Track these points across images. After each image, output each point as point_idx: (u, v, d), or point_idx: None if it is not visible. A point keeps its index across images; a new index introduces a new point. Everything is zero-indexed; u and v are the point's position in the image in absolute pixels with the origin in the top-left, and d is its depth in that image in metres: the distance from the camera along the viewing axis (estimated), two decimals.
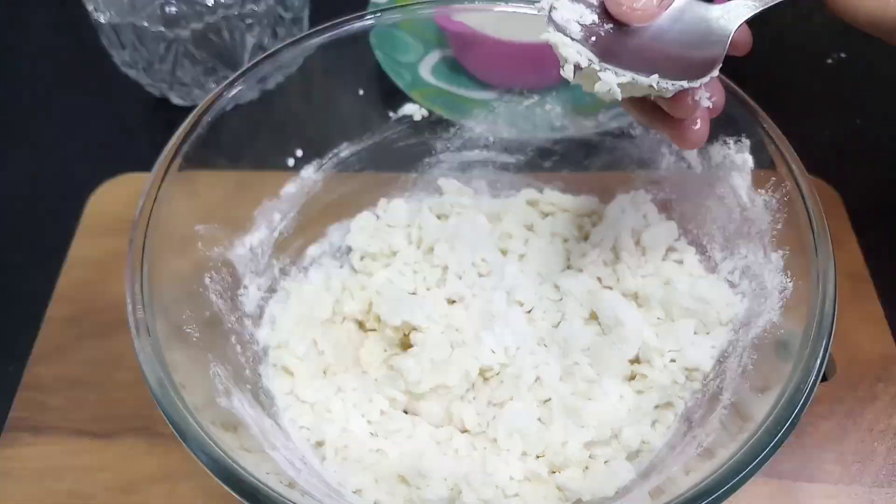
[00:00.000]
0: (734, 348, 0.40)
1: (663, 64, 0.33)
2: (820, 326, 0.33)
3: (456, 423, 0.42)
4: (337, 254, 0.51)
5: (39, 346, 0.47)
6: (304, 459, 0.39)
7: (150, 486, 0.42)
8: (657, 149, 0.47)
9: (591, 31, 0.33)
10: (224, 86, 0.42)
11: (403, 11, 0.48)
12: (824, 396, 0.45)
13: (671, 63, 0.34)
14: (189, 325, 0.38)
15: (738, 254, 0.43)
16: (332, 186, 0.50)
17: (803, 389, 0.31)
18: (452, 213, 0.51)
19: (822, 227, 0.36)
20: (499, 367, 0.43)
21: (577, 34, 0.33)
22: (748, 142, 0.41)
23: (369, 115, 0.50)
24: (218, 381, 0.37)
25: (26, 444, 0.43)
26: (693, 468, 0.34)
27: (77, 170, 0.60)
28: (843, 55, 0.68)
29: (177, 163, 0.39)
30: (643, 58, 0.34)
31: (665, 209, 0.48)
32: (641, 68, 0.33)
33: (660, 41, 0.34)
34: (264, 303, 0.46)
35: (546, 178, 0.52)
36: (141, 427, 0.44)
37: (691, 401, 0.41)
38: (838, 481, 0.42)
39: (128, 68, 0.61)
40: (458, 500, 0.37)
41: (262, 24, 0.59)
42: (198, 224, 0.41)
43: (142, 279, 0.35)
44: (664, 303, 0.44)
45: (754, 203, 0.41)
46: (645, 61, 0.33)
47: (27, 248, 0.55)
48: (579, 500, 0.38)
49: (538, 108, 0.51)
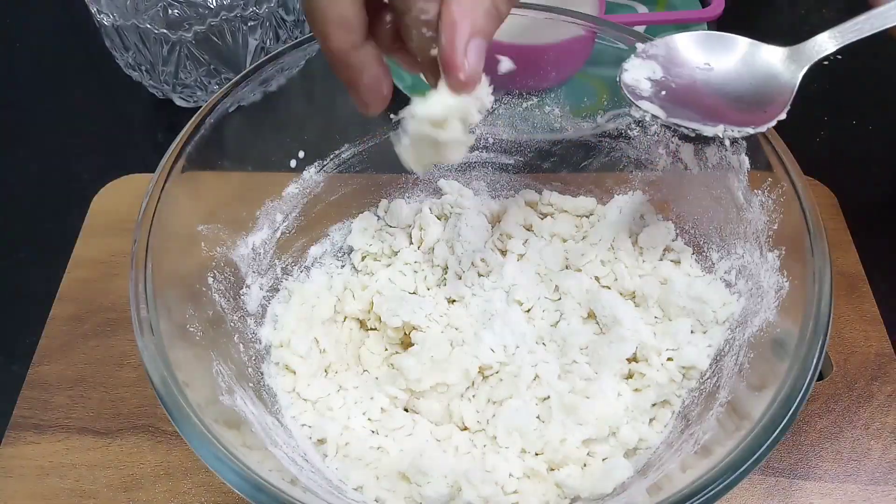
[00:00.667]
0: (731, 347, 0.41)
1: (729, 108, 0.34)
2: (816, 325, 0.33)
3: (456, 420, 0.42)
4: (338, 254, 0.52)
5: (43, 344, 0.48)
6: (305, 457, 0.40)
7: (153, 484, 0.42)
8: (654, 150, 0.48)
9: (662, 86, 0.35)
10: (227, 87, 0.42)
11: None
12: (820, 395, 0.45)
13: (738, 108, 0.35)
14: (192, 323, 0.38)
15: (734, 254, 0.43)
16: (333, 187, 0.50)
17: (799, 388, 0.32)
18: (452, 214, 0.51)
19: (817, 228, 0.36)
20: (498, 365, 0.43)
21: (648, 91, 0.34)
22: (744, 143, 0.41)
23: (370, 116, 0.50)
24: (220, 380, 0.37)
25: (30, 442, 0.44)
26: (690, 465, 0.34)
27: (81, 171, 0.61)
28: (838, 56, 0.69)
29: (180, 164, 0.39)
30: (709, 105, 0.35)
31: (662, 209, 0.48)
32: (708, 117, 0.34)
33: (726, 88, 0.35)
34: (267, 302, 0.46)
35: (545, 178, 0.53)
36: (144, 425, 0.44)
37: (688, 399, 0.41)
38: (834, 479, 0.42)
39: (131, 70, 0.61)
40: (457, 497, 0.38)
41: (264, 26, 0.59)
42: (201, 224, 0.42)
43: (145, 278, 0.35)
44: (661, 302, 0.44)
45: (751, 203, 0.41)
46: (711, 109, 0.34)
47: (31, 248, 0.56)
48: (577, 497, 0.38)
49: (537, 110, 0.51)
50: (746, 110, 0.35)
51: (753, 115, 0.35)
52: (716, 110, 0.35)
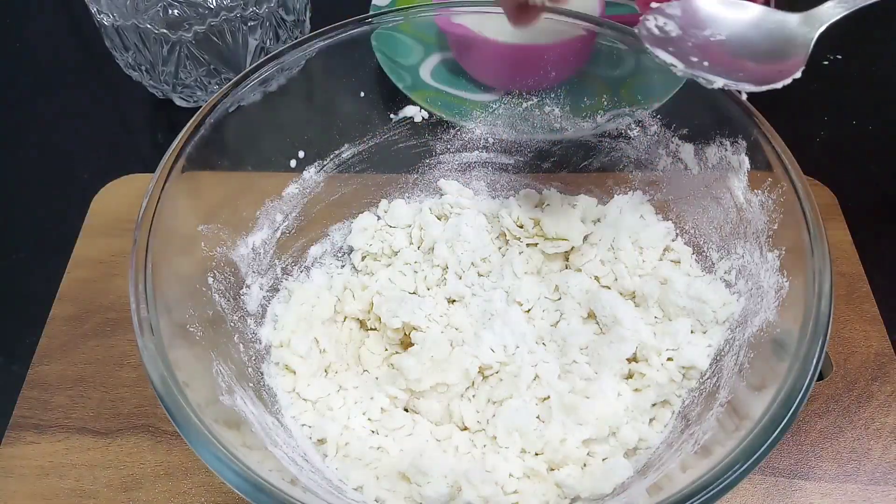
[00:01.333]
0: (731, 347, 0.41)
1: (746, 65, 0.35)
2: (816, 325, 0.33)
3: (456, 420, 0.43)
4: (338, 254, 0.52)
5: (43, 344, 0.48)
6: (305, 457, 0.40)
7: (153, 484, 0.42)
8: (654, 150, 0.48)
9: (679, 42, 0.37)
10: (227, 87, 0.42)
11: (404, 14, 0.48)
12: (820, 395, 0.45)
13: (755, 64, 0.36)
14: (192, 323, 0.38)
15: (734, 254, 0.43)
16: (333, 187, 0.50)
17: (799, 388, 0.32)
18: (452, 214, 0.51)
19: (817, 227, 0.36)
20: (498, 365, 0.44)
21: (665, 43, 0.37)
22: (744, 143, 0.42)
23: (370, 116, 0.50)
24: (221, 380, 0.37)
25: (30, 442, 0.44)
26: (690, 465, 0.34)
27: (81, 171, 0.61)
28: (838, 56, 0.69)
29: (180, 164, 0.39)
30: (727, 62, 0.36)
31: (662, 210, 0.48)
32: (724, 73, 0.36)
33: (742, 47, 0.37)
34: (267, 302, 0.46)
35: (545, 178, 0.53)
36: (144, 425, 0.44)
37: (688, 399, 0.41)
38: (834, 479, 0.42)
39: (131, 70, 0.61)
40: (458, 497, 0.38)
41: (264, 26, 0.59)
42: (201, 224, 0.42)
43: (145, 278, 0.35)
44: (661, 302, 0.44)
45: (751, 204, 0.42)
46: (728, 65, 0.36)
47: (31, 248, 0.56)
48: (577, 496, 0.38)
49: (537, 111, 0.51)
50: (763, 68, 0.36)
51: (769, 73, 0.36)
52: (733, 65, 0.36)
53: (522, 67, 0.53)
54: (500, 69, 0.54)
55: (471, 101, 0.54)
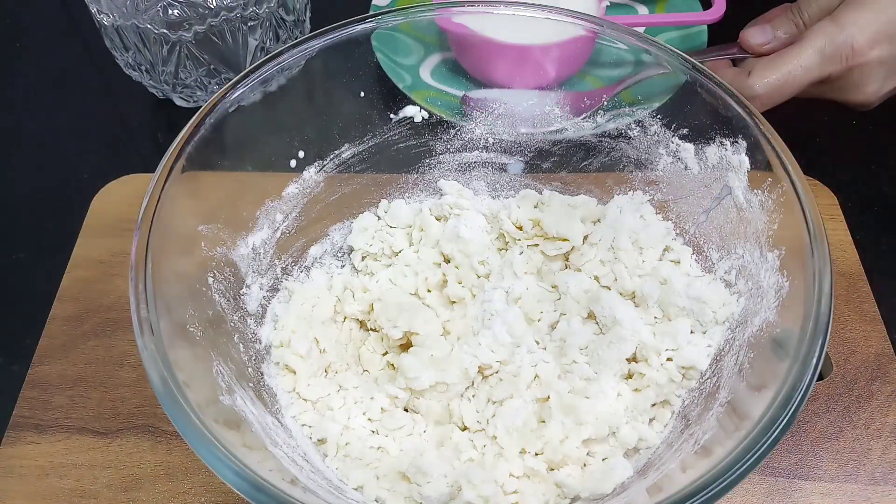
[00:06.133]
0: (731, 347, 0.41)
1: None
2: (816, 325, 0.33)
3: (456, 420, 0.42)
4: (338, 254, 0.52)
5: (43, 344, 0.48)
6: (305, 457, 0.40)
7: (153, 484, 0.42)
8: (654, 150, 0.48)
9: None
10: (226, 87, 0.42)
11: (404, 14, 0.48)
12: (820, 395, 0.45)
13: None
14: (192, 323, 0.38)
15: (734, 254, 0.43)
16: (333, 187, 0.50)
17: (799, 388, 0.32)
18: (452, 214, 0.51)
19: (818, 227, 0.36)
20: (498, 365, 0.43)
21: None
22: (745, 143, 0.42)
23: (370, 116, 0.50)
24: (220, 380, 0.37)
25: (30, 442, 0.44)
26: (690, 465, 0.34)
27: (81, 170, 0.61)
28: None
29: (180, 164, 0.39)
30: None
31: (662, 209, 0.48)
32: None
33: None
34: (267, 302, 0.46)
35: (545, 178, 0.53)
36: (144, 425, 0.44)
37: (688, 399, 0.41)
38: (834, 479, 0.42)
39: (131, 70, 0.61)
40: (458, 496, 0.38)
41: (263, 26, 0.59)
42: (201, 224, 0.42)
43: (145, 278, 0.35)
44: (661, 302, 0.44)
45: (751, 203, 0.42)
46: None
47: (31, 248, 0.56)
48: (577, 497, 0.38)
49: (537, 110, 0.51)
50: None
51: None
52: None
53: (522, 67, 0.53)
54: (500, 69, 0.54)
55: None
